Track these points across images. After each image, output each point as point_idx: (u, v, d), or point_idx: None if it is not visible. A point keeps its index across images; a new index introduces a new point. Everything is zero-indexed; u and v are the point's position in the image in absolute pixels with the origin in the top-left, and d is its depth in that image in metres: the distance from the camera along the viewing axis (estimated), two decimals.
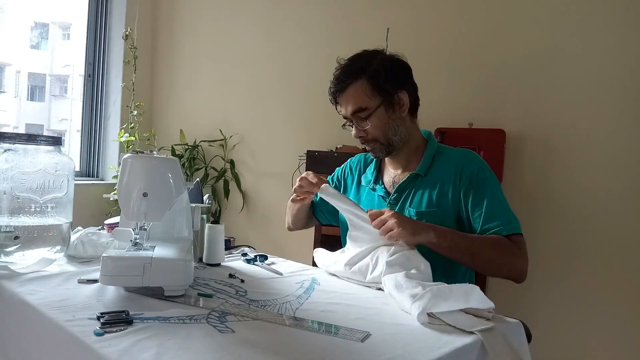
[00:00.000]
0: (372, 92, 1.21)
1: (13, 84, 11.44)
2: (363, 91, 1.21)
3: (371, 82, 1.20)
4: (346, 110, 1.24)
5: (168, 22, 3.27)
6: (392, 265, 1.02)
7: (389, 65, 1.23)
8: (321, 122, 2.41)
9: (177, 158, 1.12)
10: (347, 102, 1.23)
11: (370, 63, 1.22)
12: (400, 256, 1.03)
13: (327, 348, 0.73)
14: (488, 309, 0.87)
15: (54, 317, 0.80)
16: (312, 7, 2.48)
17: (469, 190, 1.19)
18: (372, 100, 1.21)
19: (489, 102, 1.89)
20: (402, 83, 1.24)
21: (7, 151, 1.08)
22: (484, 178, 1.20)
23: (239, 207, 2.77)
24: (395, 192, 1.27)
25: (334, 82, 1.25)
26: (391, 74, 1.22)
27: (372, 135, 1.24)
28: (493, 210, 1.17)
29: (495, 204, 1.18)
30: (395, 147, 1.26)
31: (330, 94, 1.28)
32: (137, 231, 1.01)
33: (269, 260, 1.32)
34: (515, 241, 1.15)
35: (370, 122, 1.22)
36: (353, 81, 1.21)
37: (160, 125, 3.27)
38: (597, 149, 1.65)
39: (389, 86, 1.21)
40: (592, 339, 1.66)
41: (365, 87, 1.20)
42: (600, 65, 1.65)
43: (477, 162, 1.23)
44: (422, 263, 1.02)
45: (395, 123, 1.24)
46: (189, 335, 0.75)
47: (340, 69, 1.25)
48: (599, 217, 1.65)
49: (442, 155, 1.27)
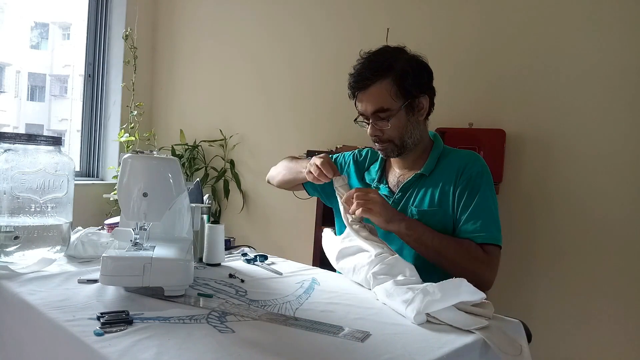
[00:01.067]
0: (396, 94, 1.18)
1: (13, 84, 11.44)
2: (387, 92, 1.18)
3: (397, 83, 1.18)
4: (366, 108, 1.21)
5: (168, 22, 3.26)
6: (377, 276, 1.02)
7: (416, 67, 1.21)
8: (321, 121, 2.41)
9: (177, 158, 1.12)
10: (368, 101, 1.20)
11: (396, 62, 1.19)
12: (385, 266, 1.03)
13: (327, 348, 0.73)
14: (480, 299, 0.88)
15: (54, 317, 0.80)
16: (313, 8, 2.47)
17: (464, 192, 1.20)
18: (395, 102, 1.18)
19: (489, 102, 1.88)
20: (426, 87, 1.23)
21: (7, 151, 1.08)
22: (480, 183, 1.20)
23: (239, 207, 2.77)
24: (400, 192, 1.27)
25: (356, 78, 1.21)
26: (417, 77, 1.20)
27: (388, 135, 1.22)
28: (477, 216, 1.17)
29: (482, 210, 1.17)
30: (407, 149, 1.25)
31: (349, 88, 1.24)
32: (137, 231, 1.01)
33: (269, 260, 1.32)
34: (488, 251, 1.15)
35: (389, 123, 1.20)
36: (378, 80, 1.18)
37: (160, 125, 3.27)
38: (597, 149, 1.65)
39: (413, 89, 1.19)
40: (592, 339, 1.66)
41: (390, 88, 1.18)
42: (600, 65, 1.65)
43: (478, 166, 1.22)
44: (407, 268, 1.02)
45: (412, 126, 1.22)
46: (189, 335, 0.75)
47: (364, 64, 1.21)
48: (599, 217, 1.65)
49: (447, 156, 1.27)
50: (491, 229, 1.16)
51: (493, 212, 1.19)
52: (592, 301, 1.66)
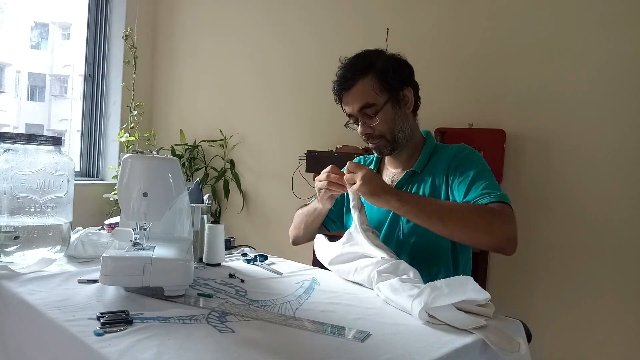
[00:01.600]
0: (379, 89, 1.21)
1: (13, 84, 11.44)
2: (371, 87, 1.21)
3: (379, 78, 1.21)
4: (352, 107, 1.24)
5: (168, 22, 3.27)
6: (382, 274, 1.02)
7: (395, 63, 1.24)
8: (321, 122, 2.41)
9: (177, 158, 1.12)
10: (354, 99, 1.23)
11: (376, 61, 1.23)
12: (389, 266, 1.03)
13: (327, 348, 0.73)
14: (485, 299, 0.88)
15: (54, 317, 0.80)
16: (313, 8, 2.47)
17: (456, 172, 1.19)
18: (380, 96, 1.22)
19: (489, 102, 1.89)
20: (408, 80, 1.26)
21: (7, 151, 1.08)
22: (472, 159, 1.20)
23: (239, 207, 2.77)
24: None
25: (339, 81, 1.25)
26: (398, 71, 1.24)
27: (378, 131, 1.24)
28: (477, 184, 1.14)
29: (480, 179, 1.15)
30: (399, 144, 1.26)
31: (335, 93, 1.27)
32: (137, 231, 1.01)
33: (269, 260, 1.32)
34: (499, 207, 1.08)
35: (377, 118, 1.22)
36: (360, 78, 1.22)
37: (160, 125, 3.27)
38: (597, 148, 1.65)
39: (396, 83, 1.22)
40: (592, 338, 1.66)
41: (373, 83, 1.21)
42: (600, 65, 1.65)
43: (467, 151, 1.24)
44: (411, 271, 1.02)
45: (401, 120, 1.25)
46: (189, 335, 0.75)
47: (345, 67, 1.25)
48: (599, 216, 1.65)
49: (438, 152, 1.29)
50: (495, 190, 1.12)
51: (491, 179, 1.16)
52: (592, 301, 1.66)
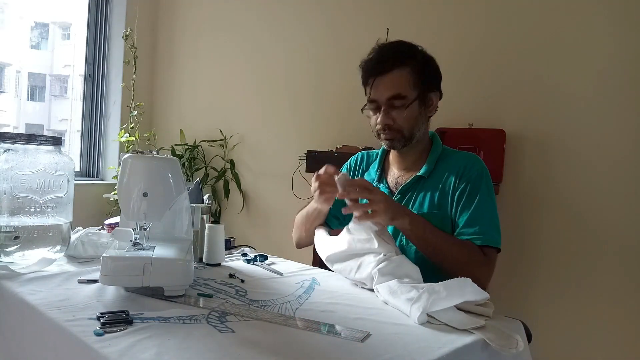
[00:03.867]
0: (414, 83, 1.19)
1: (13, 84, 11.43)
2: (406, 80, 1.18)
3: (417, 72, 1.19)
4: (382, 94, 1.19)
5: (168, 22, 3.27)
6: (383, 274, 1.02)
7: (433, 64, 1.23)
8: (321, 122, 2.40)
9: (177, 158, 1.12)
10: (386, 87, 1.18)
11: (416, 54, 1.21)
12: (390, 263, 1.03)
13: (327, 348, 0.73)
14: (484, 299, 0.88)
15: (54, 317, 0.80)
16: (313, 9, 2.47)
17: (463, 193, 1.19)
18: (412, 91, 1.19)
19: (489, 102, 1.88)
20: (438, 85, 1.25)
21: (7, 151, 1.08)
22: (479, 185, 1.20)
23: (239, 207, 2.77)
24: (399, 194, 1.27)
25: (375, 63, 1.20)
26: (433, 72, 1.23)
27: (398, 125, 1.21)
28: (476, 218, 1.16)
29: (482, 212, 1.17)
30: (412, 142, 1.24)
31: (365, 73, 1.22)
32: (137, 231, 1.01)
33: (269, 260, 1.32)
34: (486, 253, 1.15)
35: (404, 112, 1.19)
36: (398, 67, 1.18)
37: (160, 125, 3.27)
38: (597, 148, 1.65)
39: (429, 82, 1.21)
40: (592, 338, 1.66)
41: (409, 76, 1.18)
42: (600, 65, 1.65)
43: (478, 168, 1.22)
44: (413, 269, 1.02)
45: (421, 120, 1.23)
46: (189, 335, 0.75)
47: (382, 51, 1.20)
48: (599, 217, 1.65)
49: (446, 157, 1.27)
50: (491, 232, 1.16)
51: (492, 214, 1.19)
52: (591, 301, 1.66)
